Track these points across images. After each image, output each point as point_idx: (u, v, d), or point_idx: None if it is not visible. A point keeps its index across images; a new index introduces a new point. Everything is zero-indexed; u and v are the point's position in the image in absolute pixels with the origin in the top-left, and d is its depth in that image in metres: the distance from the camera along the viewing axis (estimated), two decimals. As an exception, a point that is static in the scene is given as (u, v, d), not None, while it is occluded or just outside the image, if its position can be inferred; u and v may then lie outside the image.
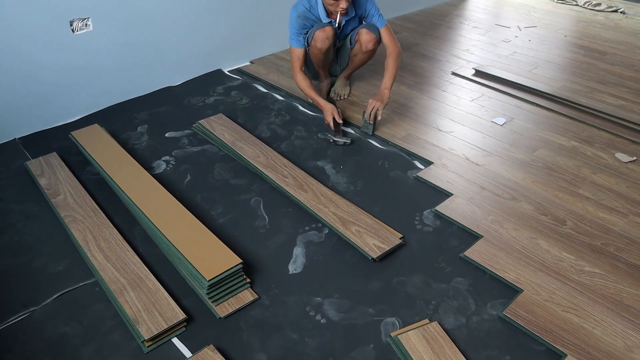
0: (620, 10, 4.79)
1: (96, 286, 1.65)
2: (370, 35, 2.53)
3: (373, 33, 2.53)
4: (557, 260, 1.80)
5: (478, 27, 4.19)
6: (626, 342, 1.51)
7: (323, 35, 2.49)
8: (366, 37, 2.53)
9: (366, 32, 2.53)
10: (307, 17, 2.52)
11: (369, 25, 2.55)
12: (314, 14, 2.53)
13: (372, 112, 2.44)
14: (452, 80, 3.19)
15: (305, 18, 2.52)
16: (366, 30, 2.53)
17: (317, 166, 2.28)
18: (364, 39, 2.54)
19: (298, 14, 2.51)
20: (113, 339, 1.48)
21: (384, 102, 2.45)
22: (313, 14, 2.53)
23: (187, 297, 1.62)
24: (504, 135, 2.58)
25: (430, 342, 1.46)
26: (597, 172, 2.30)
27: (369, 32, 2.53)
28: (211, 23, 3.00)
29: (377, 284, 1.69)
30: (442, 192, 2.13)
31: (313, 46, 2.55)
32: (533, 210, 2.04)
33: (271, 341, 1.49)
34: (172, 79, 2.98)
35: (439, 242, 1.87)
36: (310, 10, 2.52)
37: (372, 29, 2.53)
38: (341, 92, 2.87)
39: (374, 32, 2.53)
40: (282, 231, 1.91)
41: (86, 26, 2.46)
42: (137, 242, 1.83)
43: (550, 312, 1.59)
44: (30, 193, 2.06)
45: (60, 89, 2.49)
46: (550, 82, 3.20)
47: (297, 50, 2.57)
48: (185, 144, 2.42)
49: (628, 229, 1.97)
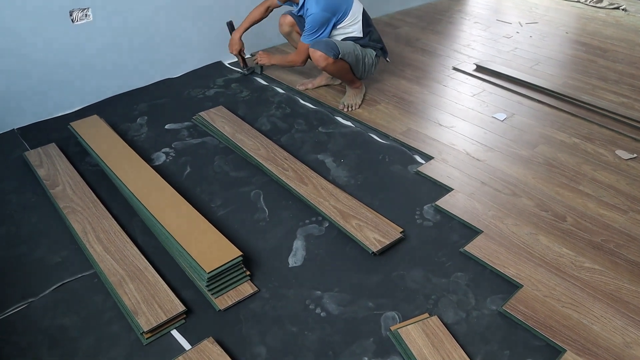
0: (621, 7, 4.78)
1: (95, 277, 1.64)
2: (315, 54, 2.44)
3: (317, 50, 2.43)
4: (557, 256, 1.80)
5: (479, 23, 4.18)
6: (625, 338, 1.51)
7: (281, 20, 2.76)
8: (313, 57, 2.47)
9: (312, 50, 2.46)
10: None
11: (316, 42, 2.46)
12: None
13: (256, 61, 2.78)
14: (453, 75, 3.18)
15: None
16: (312, 50, 2.46)
17: (317, 159, 2.28)
18: (313, 59, 2.49)
19: None
20: (112, 330, 1.48)
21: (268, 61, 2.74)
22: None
23: (186, 289, 1.61)
24: (504, 130, 2.58)
25: (429, 336, 1.46)
26: (597, 169, 2.30)
27: (314, 50, 2.44)
28: (212, 15, 2.98)
29: (377, 278, 1.69)
30: (443, 187, 2.12)
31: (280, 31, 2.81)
32: (533, 206, 2.04)
33: (270, 334, 1.49)
34: (172, 70, 2.96)
35: (439, 236, 1.87)
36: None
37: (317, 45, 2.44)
38: (350, 102, 2.70)
39: (318, 48, 2.43)
40: (282, 224, 1.90)
41: (86, 16, 2.45)
42: (136, 234, 1.82)
43: (549, 307, 1.59)
44: (29, 184, 2.05)
45: (59, 79, 2.48)
46: (551, 79, 3.19)
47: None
48: (185, 136, 2.41)
49: (628, 225, 1.97)
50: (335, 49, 2.43)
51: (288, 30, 2.78)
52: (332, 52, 2.42)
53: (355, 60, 2.56)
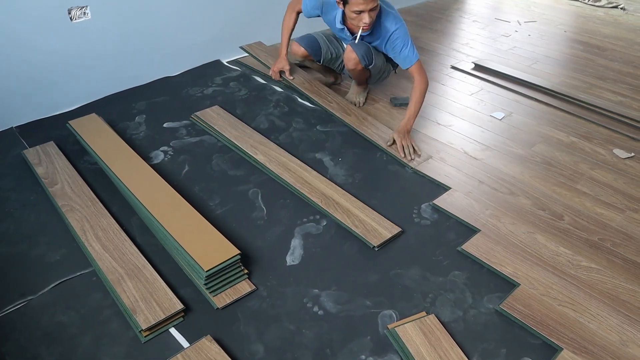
0: (620, 6, 4.79)
1: (93, 275, 1.65)
2: (351, 54, 2.39)
3: (355, 52, 2.37)
4: (554, 255, 1.80)
5: (478, 21, 4.18)
6: (621, 337, 1.52)
7: (295, 48, 2.60)
8: (347, 56, 2.42)
9: (349, 50, 2.39)
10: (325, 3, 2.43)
11: (357, 46, 2.37)
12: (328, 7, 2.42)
13: (407, 151, 2.27)
14: (451, 74, 3.18)
15: (324, 3, 2.43)
16: (350, 49, 2.39)
17: (315, 158, 2.28)
18: (345, 57, 2.45)
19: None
20: (110, 328, 1.48)
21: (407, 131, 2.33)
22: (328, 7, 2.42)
23: (184, 287, 1.62)
24: (502, 129, 2.58)
25: (427, 334, 1.47)
26: (595, 168, 2.31)
27: (352, 50, 2.38)
28: (210, 13, 2.98)
29: (375, 277, 1.69)
30: (440, 186, 2.13)
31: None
32: (531, 204, 2.05)
33: (268, 332, 1.49)
34: (170, 69, 2.96)
35: (436, 235, 1.88)
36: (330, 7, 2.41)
37: (357, 48, 2.37)
38: (355, 100, 2.72)
39: (356, 52, 2.37)
40: (280, 223, 1.91)
41: (84, 14, 2.44)
42: (135, 232, 1.83)
43: (546, 306, 1.60)
44: (28, 182, 2.05)
45: (58, 77, 2.48)
46: (549, 77, 3.20)
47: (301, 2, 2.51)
48: (184, 135, 2.41)
49: (625, 224, 1.98)
50: (370, 59, 2.42)
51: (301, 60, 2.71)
52: (365, 62, 2.41)
53: (378, 73, 2.58)
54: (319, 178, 2.10)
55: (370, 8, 2.16)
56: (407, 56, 2.33)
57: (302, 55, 2.62)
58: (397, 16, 2.34)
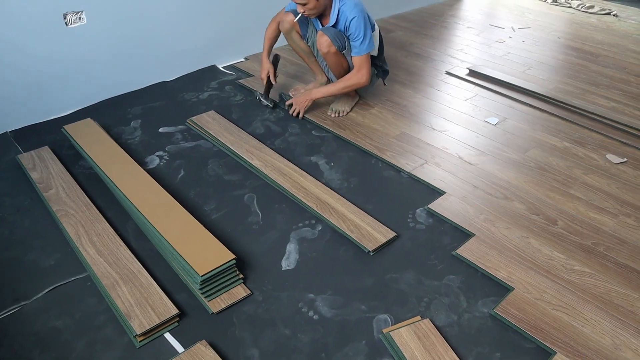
0: (613, 13, 4.83)
1: (88, 281, 1.64)
2: (322, 38, 2.40)
3: (325, 34, 2.39)
4: (547, 259, 1.81)
5: (472, 28, 4.21)
6: (614, 340, 1.53)
7: (283, 17, 2.57)
8: (319, 40, 2.42)
9: (320, 34, 2.41)
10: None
11: (327, 29, 2.41)
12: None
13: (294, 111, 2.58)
14: (446, 80, 3.20)
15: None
16: (321, 33, 2.41)
17: (310, 162, 2.29)
18: (317, 41, 2.45)
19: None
20: (105, 333, 1.48)
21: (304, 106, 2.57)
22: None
23: (179, 292, 1.62)
24: (497, 135, 2.60)
25: (421, 338, 1.47)
26: (588, 173, 2.32)
27: (322, 34, 2.40)
28: (206, 18, 2.99)
29: (370, 281, 1.70)
30: (435, 191, 2.14)
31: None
32: (525, 209, 2.06)
33: (264, 337, 1.49)
34: (166, 74, 2.97)
35: (431, 239, 1.88)
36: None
37: (328, 32, 2.40)
38: (339, 109, 2.68)
39: (327, 34, 2.39)
40: (275, 227, 1.91)
41: (80, 19, 2.45)
42: (130, 237, 1.82)
43: (540, 310, 1.61)
44: (22, 187, 2.05)
45: (53, 82, 2.48)
46: (543, 83, 3.22)
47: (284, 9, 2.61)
48: (179, 139, 2.41)
49: (618, 229, 1.99)
50: (343, 42, 2.43)
51: (288, 28, 2.59)
52: (338, 44, 2.42)
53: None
54: (315, 183, 2.10)
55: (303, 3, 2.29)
56: (356, 46, 2.41)
57: (291, 22, 2.55)
58: (357, 4, 2.39)
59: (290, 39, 2.64)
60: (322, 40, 2.41)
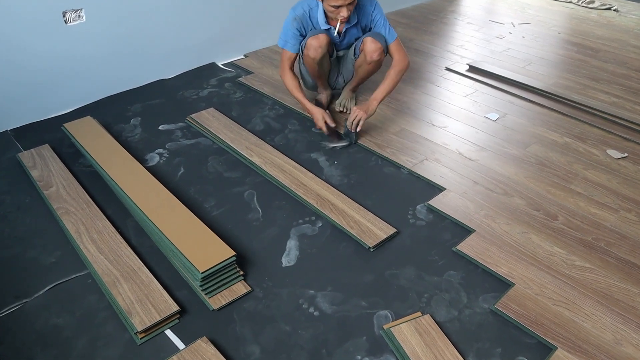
0: (613, 8, 4.82)
1: (89, 278, 1.65)
2: (376, 45, 2.30)
3: (379, 42, 2.31)
4: (548, 255, 1.81)
5: (472, 23, 4.20)
6: (615, 336, 1.53)
7: (316, 43, 2.30)
8: (371, 47, 2.31)
9: (371, 40, 2.30)
10: (304, 21, 2.35)
11: (374, 34, 2.33)
12: (313, 20, 2.35)
13: (354, 121, 2.29)
14: (446, 76, 3.19)
15: (302, 22, 2.34)
16: (371, 39, 2.31)
17: (310, 159, 2.28)
18: (368, 49, 2.32)
19: (295, 16, 2.33)
20: (106, 330, 1.48)
21: (368, 112, 2.30)
22: (311, 20, 2.35)
23: (180, 289, 1.62)
24: (497, 130, 2.60)
25: (422, 334, 1.47)
26: (588, 168, 2.32)
27: (375, 41, 2.30)
28: (205, 16, 2.98)
29: (370, 277, 1.70)
30: (436, 187, 2.14)
31: (306, 55, 2.36)
32: (525, 205, 2.06)
33: (264, 333, 1.50)
34: (165, 71, 2.96)
35: (431, 235, 1.88)
36: (310, 14, 2.34)
37: (378, 38, 2.32)
38: (348, 105, 2.68)
39: (379, 41, 2.31)
40: (275, 224, 1.91)
41: (79, 17, 2.44)
42: (130, 235, 1.83)
43: (541, 305, 1.61)
44: (22, 185, 2.05)
45: (52, 80, 2.48)
46: (543, 79, 3.21)
47: (287, 52, 2.39)
48: (179, 137, 2.41)
49: (618, 224, 1.99)
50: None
51: (324, 51, 2.34)
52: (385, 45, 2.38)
53: None
54: (315, 179, 2.10)
55: (349, 2, 2.16)
56: (386, 33, 2.36)
57: (327, 41, 2.33)
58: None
59: (320, 63, 2.41)
60: (375, 47, 2.30)
